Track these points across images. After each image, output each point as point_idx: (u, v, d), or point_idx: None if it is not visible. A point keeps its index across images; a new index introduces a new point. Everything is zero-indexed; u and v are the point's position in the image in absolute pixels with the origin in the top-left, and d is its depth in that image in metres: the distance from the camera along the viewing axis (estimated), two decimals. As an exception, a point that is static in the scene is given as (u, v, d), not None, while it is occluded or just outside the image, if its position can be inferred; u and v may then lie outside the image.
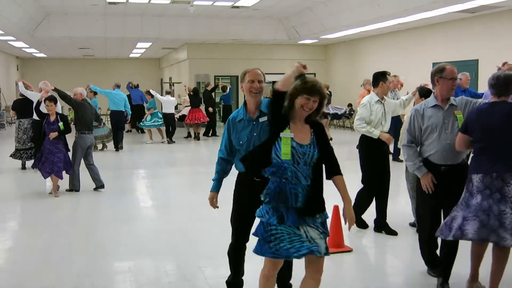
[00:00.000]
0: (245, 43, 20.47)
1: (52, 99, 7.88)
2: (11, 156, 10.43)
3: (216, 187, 4.11)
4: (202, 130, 16.52)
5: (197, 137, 16.00)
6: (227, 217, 6.72)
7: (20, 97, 11.02)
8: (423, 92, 5.90)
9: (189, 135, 16.40)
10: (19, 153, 10.34)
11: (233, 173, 4.11)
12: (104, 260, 5.04)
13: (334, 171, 3.30)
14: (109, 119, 14.58)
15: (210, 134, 17.01)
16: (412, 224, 5.96)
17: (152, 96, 15.36)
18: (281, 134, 3.19)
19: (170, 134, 15.12)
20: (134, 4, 14.92)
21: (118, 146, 13.34)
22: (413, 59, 15.47)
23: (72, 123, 8.62)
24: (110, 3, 14.58)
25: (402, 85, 10.43)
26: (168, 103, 15.03)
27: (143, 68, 30.18)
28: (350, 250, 5.18)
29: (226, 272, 4.72)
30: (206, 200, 8.02)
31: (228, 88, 18.22)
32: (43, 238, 5.87)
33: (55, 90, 8.26)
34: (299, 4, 15.06)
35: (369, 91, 8.36)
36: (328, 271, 4.68)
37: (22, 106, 10.67)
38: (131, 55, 27.57)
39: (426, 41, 15.07)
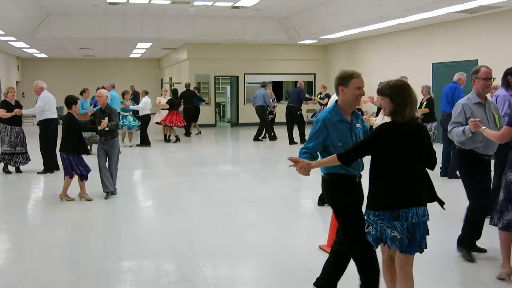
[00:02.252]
0: (245, 43, 20.48)
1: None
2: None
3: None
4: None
5: (167, 140, 15.40)
6: (227, 217, 6.75)
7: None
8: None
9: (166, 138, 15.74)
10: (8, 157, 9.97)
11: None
12: (104, 260, 5.04)
13: None
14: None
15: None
16: None
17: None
18: None
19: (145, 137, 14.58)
20: (134, 4, 14.92)
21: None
22: (413, 59, 15.47)
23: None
24: (110, 3, 14.58)
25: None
26: (147, 104, 14.56)
27: (143, 68, 30.20)
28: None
29: (226, 272, 4.73)
30: (206, 200, 8.07)
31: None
32: (43, 239, 5.88)
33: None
34: (299, 4, 15.07)
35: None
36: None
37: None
38: (131, 55, 27.57)
39: (426, 41, 15.07)
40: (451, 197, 5.87)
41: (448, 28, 14.15)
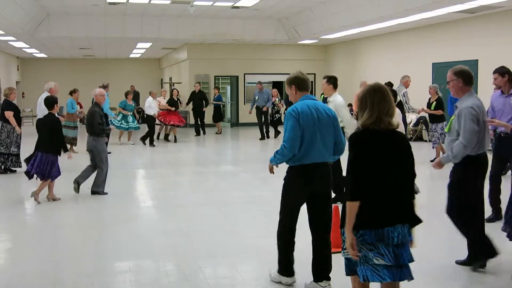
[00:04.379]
0: (245, 43, 20.48)
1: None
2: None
3: None
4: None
5: (166, 139, 15.44)
6: (227, 217, 6.75)
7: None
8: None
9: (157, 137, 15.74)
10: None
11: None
12: (104, 260, 5.04)
13: None
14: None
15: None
16: None
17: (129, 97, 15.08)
18: None
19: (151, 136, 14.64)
20: (134, 4, 14.92)
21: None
22: (413, 59, 15.47)
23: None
24: (110, 3, 14.58)
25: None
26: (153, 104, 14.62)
27: (143, 68, 30.19)
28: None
29: (226, 272, 4.73)
30: (206, 200, 8.07)
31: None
32: (43, 239, 5.88)
33: None
34: (299, 4, 15.07)
35: None
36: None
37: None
38: (131, 55, 27.57)
39: (426, 41, 15.07)
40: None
41: (448, 28, 14.15)
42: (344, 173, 3.26)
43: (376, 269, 2.98)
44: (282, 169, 4.34)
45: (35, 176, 7.59)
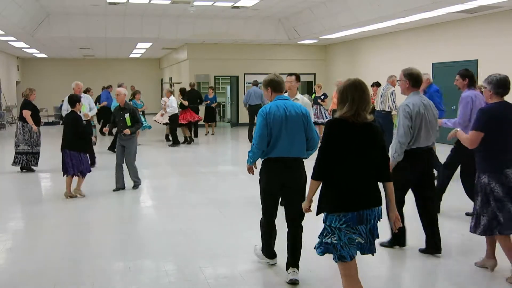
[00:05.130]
0: (245, 43, 20.48)
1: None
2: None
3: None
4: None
5: (188, 140, 15.23)
6: (227, 217, 6.75)
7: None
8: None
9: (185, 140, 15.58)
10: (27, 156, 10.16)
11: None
12: (104, 260, 5.05)
13: None
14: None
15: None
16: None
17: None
18: None
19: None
20: (134, 4, 14.92)
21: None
22: (413, 59, 15.45)
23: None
24: (110, 3, 14.58)
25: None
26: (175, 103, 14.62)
27: (143, 68, 30.20)
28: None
29: (226, 272, 4.73)
30: (206, 200, 8.07)
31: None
32: (43, 239, 5.89)
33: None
34: (299, 4, 15.07)
35: None
36: (328, 271, 4.69)
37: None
38: (131, 55, 27.58)
39: (426, 41, 15.07)
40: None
41: (448, 28, 14.15)
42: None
43: (357, 247, 3.30)
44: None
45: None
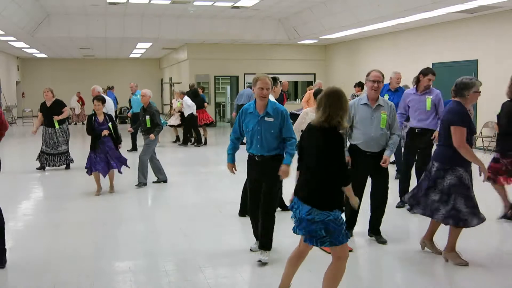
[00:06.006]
0: (245, 43, 20.48)
1: (100, 99, 8.06)
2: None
3: (233, 160, 5.14)
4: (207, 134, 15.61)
5: (204, 142, 14.99)
6: (227, 217, 6.75)
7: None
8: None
9: (177, 139, 15.53)
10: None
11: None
12: (104, 260, 5.05)
13: None
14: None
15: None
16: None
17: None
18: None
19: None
20: (134, 4, 14.93)
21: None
22: (413, 59, 15.47)
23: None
24: (110, 3, 14.58)
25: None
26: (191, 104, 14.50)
27: (143, 68, 30.19)
28: (350, 250, 5.17)
29: (226, 272, 4.73)
30: (206, 200, 8.07)
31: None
32: (43, 239, 5.88)
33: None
34: (299, 4, 15.07)
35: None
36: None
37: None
38: (131, 55, 27.58)
39: (426, 41, 15.08)
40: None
41: (448, 28, 14.15)
42: None
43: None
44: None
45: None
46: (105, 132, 7.84)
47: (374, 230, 5.53)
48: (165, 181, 8.99)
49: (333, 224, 3.53)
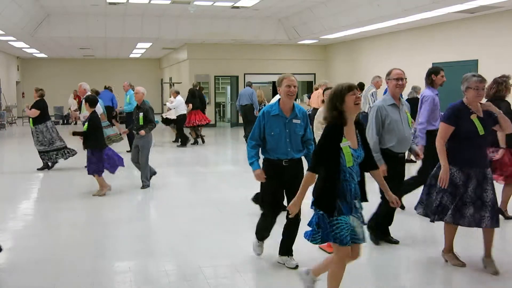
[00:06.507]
0: (245, 43, 20.48)
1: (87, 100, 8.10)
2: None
3: (259, 166, 4.67)
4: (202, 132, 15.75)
5: (202, 140, 15.16)
6: (227, 217, 6.75)
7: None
8: None
9: (177, 139, 15.43)
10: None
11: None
12: (104, 260, 5.05)
13: (373, 166, 3.81)
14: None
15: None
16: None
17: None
18: (341, 145, 3.48)
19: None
20: (134, 4, 14.93)
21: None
22: (413, 59, 15.47)
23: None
24: (110, 3, 14.58)
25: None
26: (181, 104, 14.45)
27: (143, 68, 30.20)
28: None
29: (226, 272, 4.73)
30: (206, 200, 8.07)
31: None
32: (43, 239, 5.88)
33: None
34: (299, 4, 15.07)
35: None
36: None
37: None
38: (131, 55, 27.58)
39: (426, 41, 15.08)
40: None
41: (448, 28, 14.15)
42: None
43: None
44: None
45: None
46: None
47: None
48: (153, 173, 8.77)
49: (322, 221, 3.53)
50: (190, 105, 14.92)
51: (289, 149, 4.50)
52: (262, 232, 4.88)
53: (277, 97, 5.09)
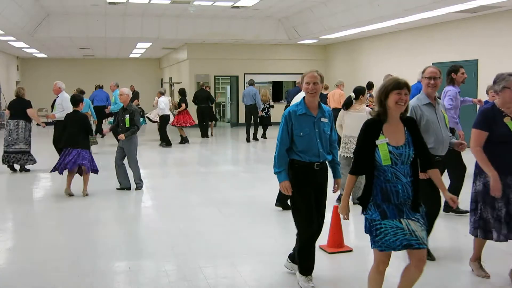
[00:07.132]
0: (245, 43, 20.49)
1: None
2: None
3: (287, 176, 4.20)
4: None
5: (186, 140, 15.10)
6: (227, 217, 6.75)
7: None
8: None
9: (182, 140, 15.32)
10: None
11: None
12: (104, 260, 5.04)
13: (429, 165, 3.55)
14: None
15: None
16: None
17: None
18: (377, 142, 3.34)
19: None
20: (134, 4, 14.93)
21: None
22: (413, 59, 15.47)
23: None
24: (110, 3, 14.58)
25: None
26: (166, 105, 14.46)
27: (143, 68, 30.20)
28: (350, 250, 5.19)
29: (226, 272, 4.73)
30: (206, 200, 8.07)
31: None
32: (43, 238, 5.88)
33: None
34: (299, 4, 15.07)
35: None
36: (328, 271, 4.69)
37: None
38: (131, 55, 27.58)
39: (426, 41, 15.07)
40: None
41: (448, 28, 14.15)
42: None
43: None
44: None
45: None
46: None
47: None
48: (129, 188, 8.34)
49: (367, 225, 3.43)
50: (183, 105, 15.09)
51: (321, 149, 4.14)
52: (307, 262, 4.22)
53: (301, 95, 4.79)
